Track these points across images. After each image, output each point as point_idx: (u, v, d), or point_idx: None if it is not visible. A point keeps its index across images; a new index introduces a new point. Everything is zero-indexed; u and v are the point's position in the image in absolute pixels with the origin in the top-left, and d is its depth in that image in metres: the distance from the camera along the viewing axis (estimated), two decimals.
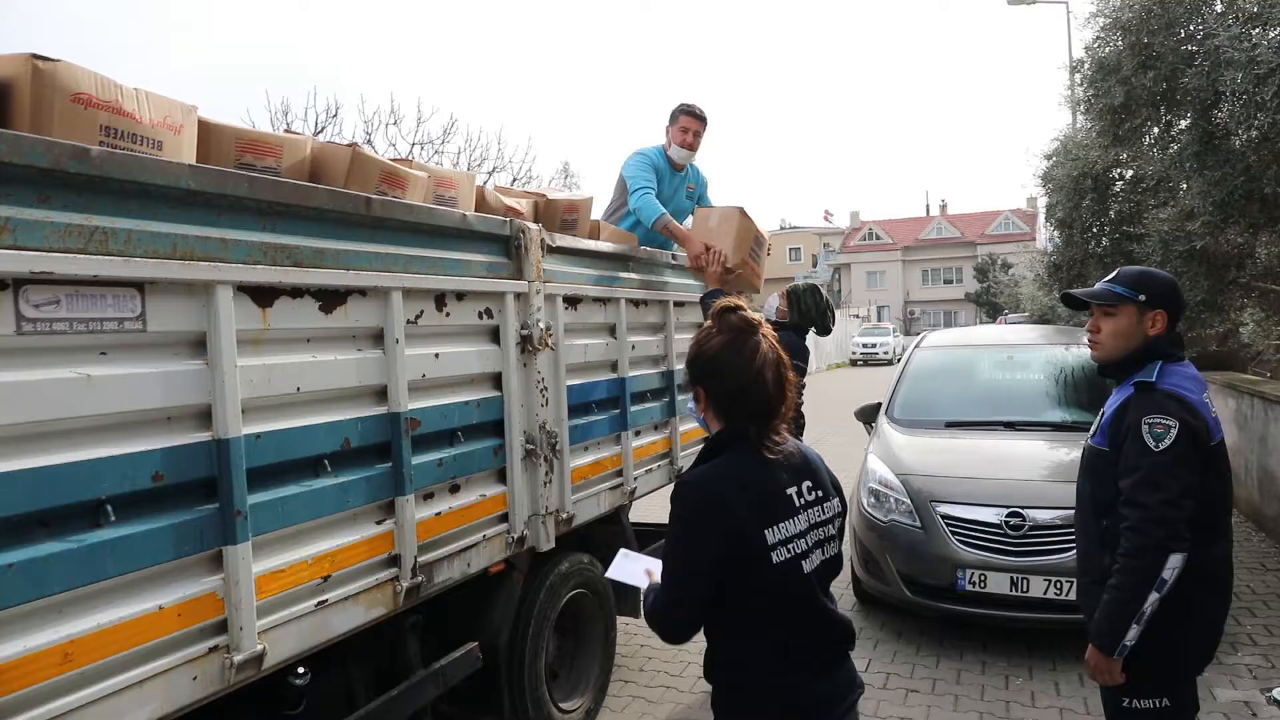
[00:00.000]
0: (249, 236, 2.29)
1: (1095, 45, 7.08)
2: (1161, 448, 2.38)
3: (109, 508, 1.96)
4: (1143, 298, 2.54)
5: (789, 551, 1.90)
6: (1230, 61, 5.35)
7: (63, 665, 1.85)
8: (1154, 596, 2.35)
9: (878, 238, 62.70)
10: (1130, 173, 8.46)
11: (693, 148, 5.00)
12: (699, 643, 2.04)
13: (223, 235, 2.22)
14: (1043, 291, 13.31)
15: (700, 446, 2.11)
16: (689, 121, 4.94)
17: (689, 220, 5.05)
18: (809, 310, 4.70)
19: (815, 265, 64.36)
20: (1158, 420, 2.40)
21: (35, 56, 1.90)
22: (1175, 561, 2.35)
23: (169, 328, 2.10)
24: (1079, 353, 6.58)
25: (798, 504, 1.97)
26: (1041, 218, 12.94)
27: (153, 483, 2.06)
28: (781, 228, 68.08)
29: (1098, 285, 2.67)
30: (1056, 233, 9.24)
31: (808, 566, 1.94)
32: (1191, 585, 2.40)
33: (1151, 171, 7.09)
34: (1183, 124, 6.68)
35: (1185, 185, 6.76)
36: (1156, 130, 7.30)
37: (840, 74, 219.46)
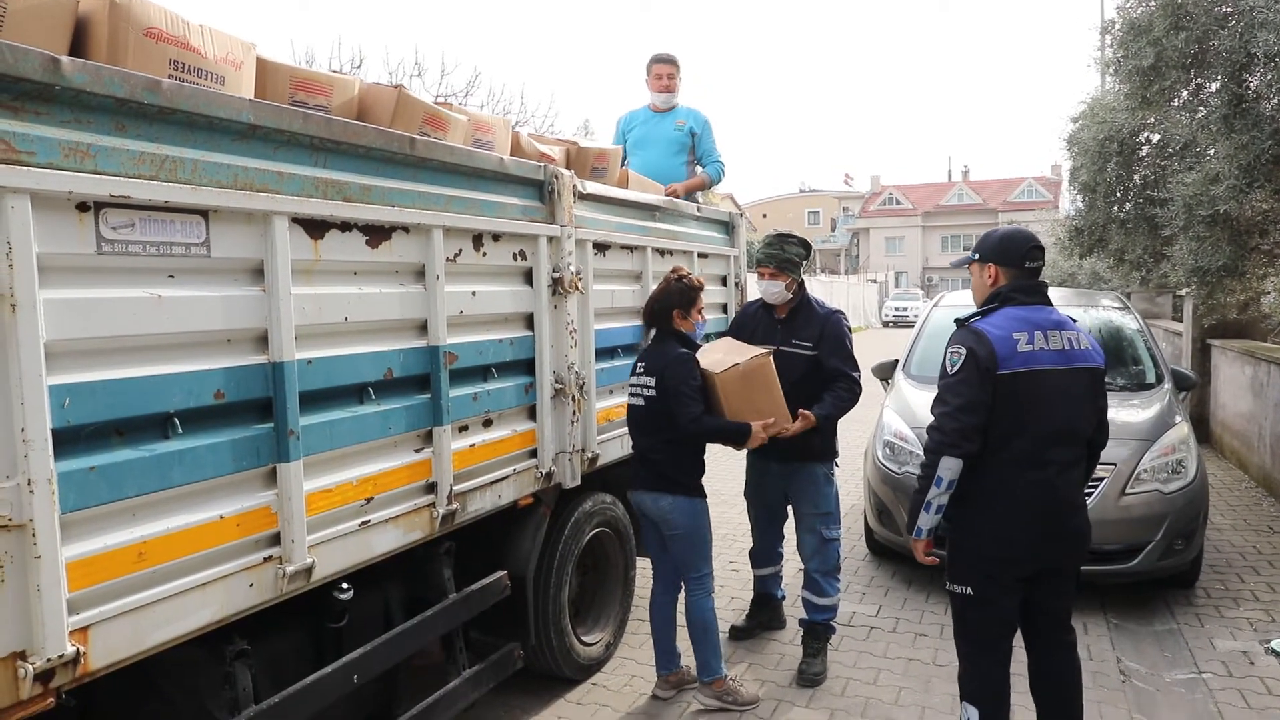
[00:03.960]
0: (303, 171, 2.40)
1: (1127, 5, 7.01)
2: (952, 370, 2.86)
3: (176, 421, 2.10)
4: (977, 256, 3.04)
5: (628, 391, 3.83)
6: (1264, 23, 5.32)
7: (137, 563, 2.00)
8: (935, 490, 2.85)
9: (898, 203, 62.04)
10: (1157, 137, 8.40)
11: (669, 89, 5.42)
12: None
13: (279, 168, 2.33)
14: (1063, 256, 13.25)
15: None
16: (658, 68, 5.39)
17: (677, 153, 5.37)
18: (797, 254, 4.14)
19: (834, 229, 63.93)
20: (953, 349, 2.89)
21: None
22: (950, 464, 2.81)
23: (230, 254, 2.22)
24: (1097, 315, 6.64)
25: (637, 370, 3.74)
26: (1065, 184, 12.83)
27: (214, 400, 2.19)
28: (800, 191, 67.57)
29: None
30: (1080, 196, 9.21)
31: (629, 404, 3.80)
32: (968, 501, 2.89)
33: (1178, 135, 7.06)
34: (1213, 87, 6.62)
35: (1212, 149, 6.74)
36: (1186, 93, 7.23)
37: (864, 35, 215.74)
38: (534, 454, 3.50)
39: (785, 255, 4.11)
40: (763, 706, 3.85)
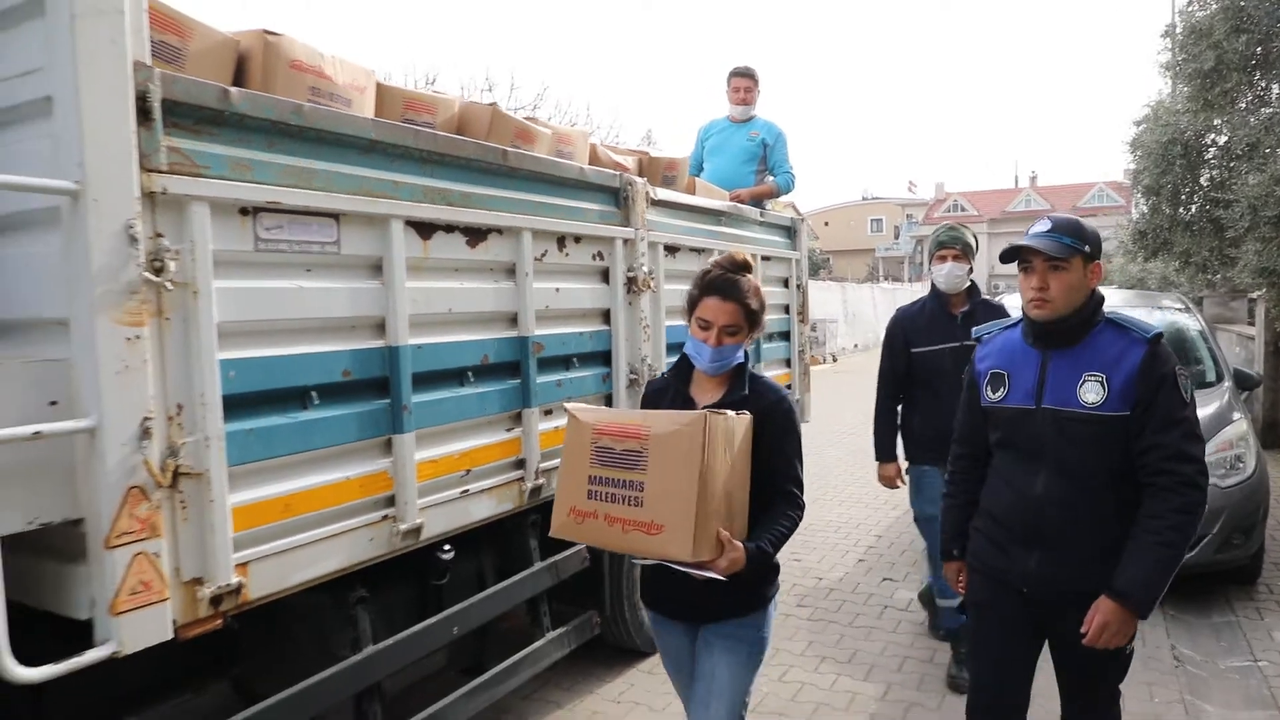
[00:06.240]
0: (414, 180, 2.75)
1: (1188, 9, 7.08)
2: (1189, 399, 2.28)
3: (313, 394, 2.46)
4: (1087, 249, 2.36)
5: None
6: None
7: (284, 512, 2.36)
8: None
9: (963, 210, 61.08)
10: (1224, 138, 8.39)
11: (746, 102, 5.72)
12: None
13: (395, 178, 2.69)
14: (1128, 260, 13.10)
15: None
16: (737, 81, 5.72)
17: (746, 162, 5.63)
18: (975, 241, 4.09)
19: (897, 237, 63.24)
20: (1183, 371, 2.29)
21: (266, 32, 2.38)
22: None
23: (356, 252, 2.57)
24: (1161, 316, 6.68)
25: None
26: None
27: (343, 377, 2.55)
28: (864, 198, 67.02)
29: (1040, 238, 2.38)
30: (1143, 199, 9.21)
31: None
32: None
33: (1242, 136, 7.07)
34: (1276, 89, 6.67)
35: (1278, 150, 6.75)
36: (1251, 95, 7.26)
37: (930, 40, 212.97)
38: None
39: (967, 239, 4.02)
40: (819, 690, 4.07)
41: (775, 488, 2.35)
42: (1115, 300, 7.42)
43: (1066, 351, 2.38)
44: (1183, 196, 8.53)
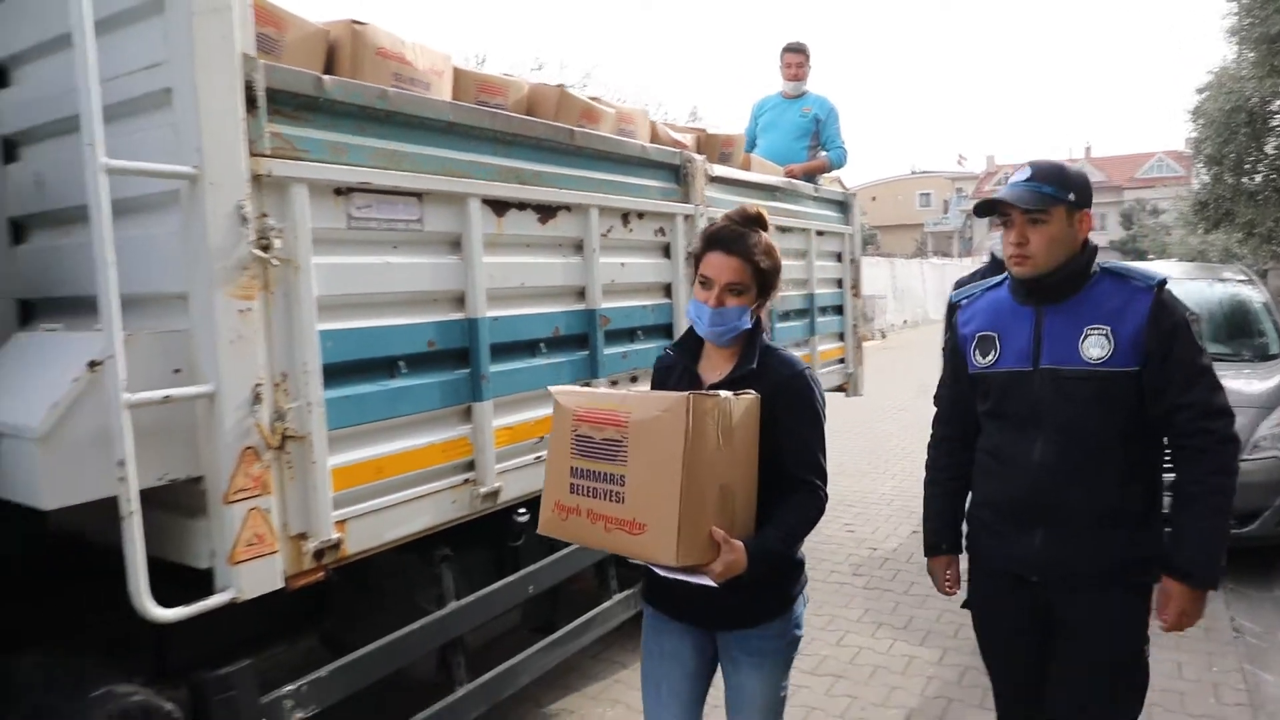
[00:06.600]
0: (489, 160, 2.88)
1: None
2: (1204, 347, 2.12)
3: (401, 363, 2.61)
4: (1072, 197, 2.13)
5: None
6: None
7: (377, 474, 2.52)
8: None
9: None
10: None
11: (798, 78, 5.82)
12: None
13: (471, 158, 2.81)
14: (1187, 230, 12.80)
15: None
16: (789, 57, 5.86)
17: (799, 137, 5.69)
18: None
19: (947, 211, 62.21)
20: (1194, 316, 2.11)
21: (354, 21, 2.52)
22: None
23: (437, 229, 2.71)
24: (1222, 288, 6.59)
25: None
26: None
27: (427, 348, 2.70)
28: (912, 172, 65.95)
29: (1015, 188, 2.19)
30: (1204, 169, 9.01)
31: None
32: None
33: None
34: None
35: None
36: None
37: (980, 8, 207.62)
38: None
39: None
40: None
41: (789, 477, 2.04)
42: (1174, 273, 7.32)
43: (1061, 306, 2.17)
44: (1247, 165, 8.32)
